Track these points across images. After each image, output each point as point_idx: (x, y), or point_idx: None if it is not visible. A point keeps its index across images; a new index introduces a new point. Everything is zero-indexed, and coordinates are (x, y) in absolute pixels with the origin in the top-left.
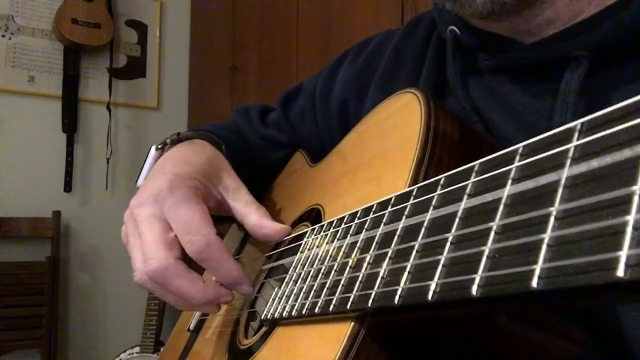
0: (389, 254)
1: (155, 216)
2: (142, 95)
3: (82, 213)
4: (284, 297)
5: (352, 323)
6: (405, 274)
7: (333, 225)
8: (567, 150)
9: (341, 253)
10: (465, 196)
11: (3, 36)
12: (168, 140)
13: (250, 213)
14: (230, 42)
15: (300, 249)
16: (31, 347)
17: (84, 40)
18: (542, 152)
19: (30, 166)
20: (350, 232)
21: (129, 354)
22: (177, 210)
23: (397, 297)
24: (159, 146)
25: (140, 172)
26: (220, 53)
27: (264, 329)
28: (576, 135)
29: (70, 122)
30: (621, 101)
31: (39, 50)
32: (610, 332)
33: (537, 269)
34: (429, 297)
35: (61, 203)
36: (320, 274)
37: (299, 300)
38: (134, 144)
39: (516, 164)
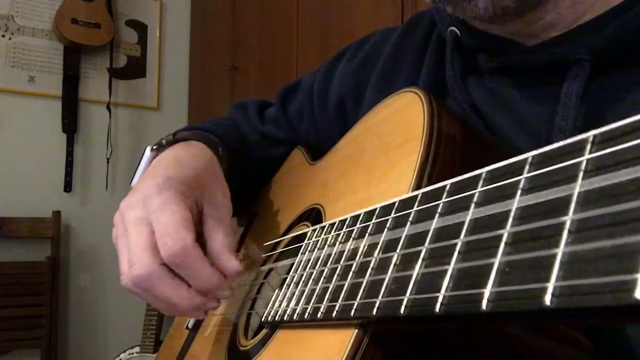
0: (394, 261)
1: (142, 219)
2: (142, 95)
3: (82, 213)
4: (285, 299)
5: (356, 330)
6: (411, 283)
7: (334, 227)
8: (580, 163)
9: (343, 257)
10: (473, 205)
11: (3, 36)
12: (163, 141)
13: (215, 238)
14: (230, 42)
15: (301, 250)
16: (31, 347)
17: (84, 40)
18: (554, 164)
19: (30, 166)
20: (353, 235)
21: (129, 354)
22: (160, 213)
23: (402, 308)
24: (154, 147)
25: (135, 172)
26: (220, 53)
27: (264, 331)
28: (588, 147)
29: (70, 122)
30: (624, 106)
31: (39, 50)
32: (614, 336)
33: (550, 286)
34: (437, 309)
35: (61, 203)
36: (322, 278)
37: (300, 304)
38: (134, 144)
39: (526, 174)
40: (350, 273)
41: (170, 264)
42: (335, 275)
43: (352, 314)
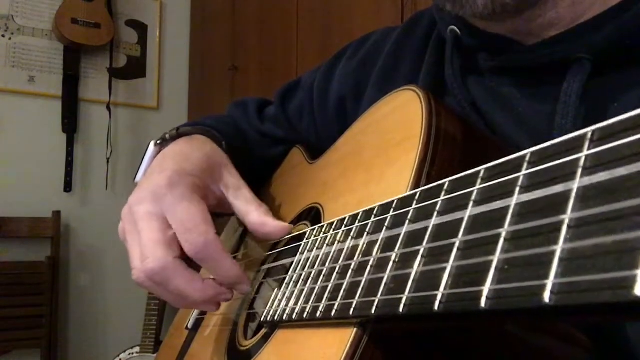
0: (392, 260)
1: (154, 214)
2: (142, 95)
3: (82, 213)
4: (284, 299)
5: (355, 329)
6: (410, 281)
7: (333, 226)
8: (578, 159)
9: (342, 256)
10: (471, 203)
11: (3, 36)
12: (167, 136)
13: (251, 211)
14: (230, 42)
15: (300, 250)
16: (31, 347)
17: (84, 40)
18: (552, 160)
19: (30, 166)
20: (352, 235)
21: (129, 354)
22: (176, 208)
23: (401, 306)
24: (158, 142)
25: (139, 168)
26: (220, 53)
27: (263, 331)
28: (587, 144)
29: (70, 122)
30: (624, 105)
31: (39, 50)
32: (614, 334)
33: (549, 283)
34: (435, 307)
35: (61, 203)
36: (322, 277)
37: (299, 304)
38: (134, 144)
39: (524, 171)
40: (349, 272)
41: (195, 259)
42: (334, 274)
43: (351, 312)
